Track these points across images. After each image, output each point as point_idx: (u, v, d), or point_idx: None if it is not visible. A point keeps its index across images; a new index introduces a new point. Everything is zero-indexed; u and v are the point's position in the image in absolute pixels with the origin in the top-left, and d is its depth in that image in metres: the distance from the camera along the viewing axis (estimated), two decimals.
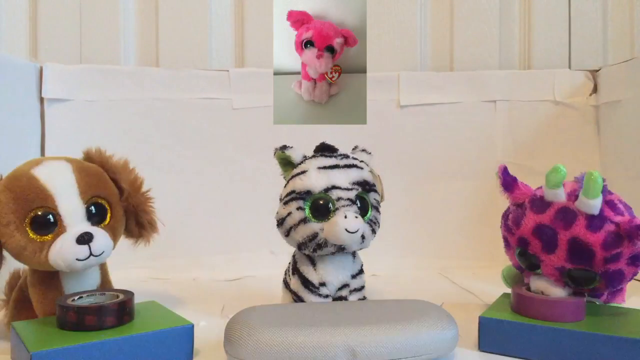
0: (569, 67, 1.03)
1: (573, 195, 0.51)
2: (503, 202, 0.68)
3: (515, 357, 0.50)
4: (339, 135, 0.69)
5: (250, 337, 0.45)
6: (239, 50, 1.01)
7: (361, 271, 0.62)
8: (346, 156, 0.60)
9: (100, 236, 0.53)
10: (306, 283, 0.58)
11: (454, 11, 1.04)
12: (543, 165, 0.69)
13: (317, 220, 0.56)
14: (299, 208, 0.56)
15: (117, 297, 0.50)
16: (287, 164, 0.60)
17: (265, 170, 0.95)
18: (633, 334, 0.46)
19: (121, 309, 0.48)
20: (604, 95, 0.96)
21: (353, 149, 0.64)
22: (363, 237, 0.57)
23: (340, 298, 0.59)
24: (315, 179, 0.56)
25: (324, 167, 0.57)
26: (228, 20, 1.01)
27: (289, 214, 0.57)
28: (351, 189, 0.57)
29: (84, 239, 0.51)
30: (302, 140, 0.60)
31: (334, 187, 0.56)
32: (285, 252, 0.90)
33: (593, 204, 0.50)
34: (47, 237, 0.52)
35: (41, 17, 0.97)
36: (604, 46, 1.04)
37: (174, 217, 0.83)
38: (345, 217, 0.55)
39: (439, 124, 0.98)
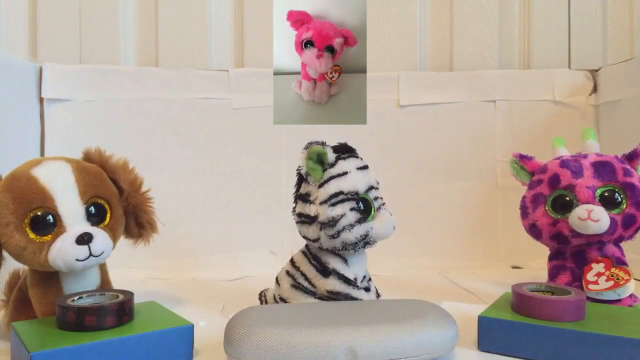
0: (569, 67, 1.03)
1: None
2: (502, 202, 0.68)
3: (515, 356, 0.50)
4: (339, 135, 0.69)
5: (250, 337, 0.45)
6: (239, 50, 1.01)
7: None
8: (360, 157, 0.61)
9: (100, 236, 0.53)
10: (348, 281, 0.58)
11: (454, 11, 1.03)
12: None
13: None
14: (352, 209, 0.56)
15: (117, 297, 0.50)
16: (318, 162, 0.58)
17: (265, 170, 0.95)
18: (633, 334, 0.46)
19: (121, 309, 0.48)
20: (604, 95, 0.96)
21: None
22: None
23: (366, 288, 0.61)
24: (360, 180, 0.58)
25: (361, 168, 0.59)
26: (228, 20, 1.01)
27: (344, 215, 0.56)
28: (378, 188, 0.60)
29: (84, 239, 0.51)
30: (302, 140, 0.60)
31: (372, 188, 0.59)
32: (285, 252, 0.90)
33: (594, 144, 0.68)
34: (46, 238, 0.52)
35: (41, 17, 0.97)
36: (604, 46, 1.04)
37: (174, 217, 0.83)
38: (391, 214, 0.59)
39: (439, 123, 0.99)
